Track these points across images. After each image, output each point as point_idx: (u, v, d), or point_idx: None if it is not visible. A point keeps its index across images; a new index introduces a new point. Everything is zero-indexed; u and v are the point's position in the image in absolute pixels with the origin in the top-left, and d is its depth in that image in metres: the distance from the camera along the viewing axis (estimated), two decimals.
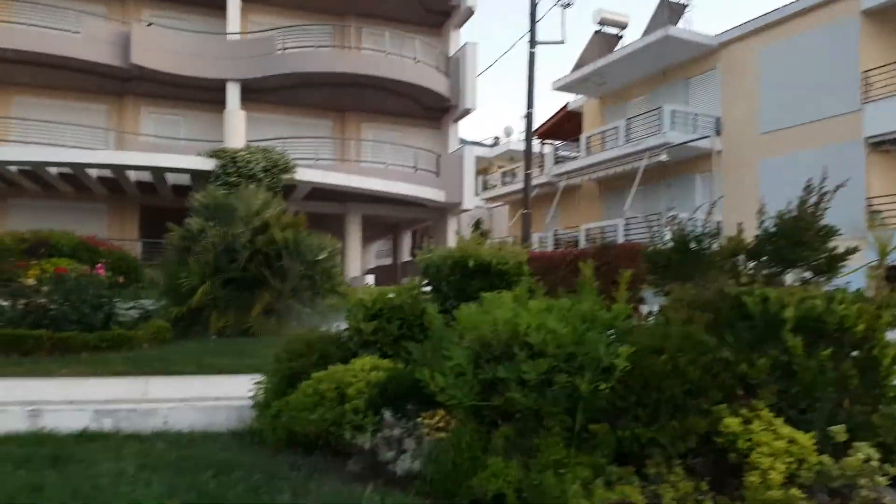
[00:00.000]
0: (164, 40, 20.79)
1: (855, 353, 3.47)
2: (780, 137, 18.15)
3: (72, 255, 14.57)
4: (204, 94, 22.06)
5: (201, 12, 22.53)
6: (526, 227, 18.32)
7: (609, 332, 3.24)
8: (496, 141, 39.99)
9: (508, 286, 4.02)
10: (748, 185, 18.23)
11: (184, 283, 10.09)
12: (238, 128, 20.86)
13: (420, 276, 4.64)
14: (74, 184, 21.12)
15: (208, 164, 19.16)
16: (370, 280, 19.25)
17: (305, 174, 20.21)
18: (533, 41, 19.82)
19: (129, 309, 9.49)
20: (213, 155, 19.39)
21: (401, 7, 23.58)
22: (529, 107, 18.59)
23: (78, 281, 8.48)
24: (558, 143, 27.29)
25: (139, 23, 21.40)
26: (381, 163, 22.87)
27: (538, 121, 25.20)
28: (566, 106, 27.65)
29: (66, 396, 5.42)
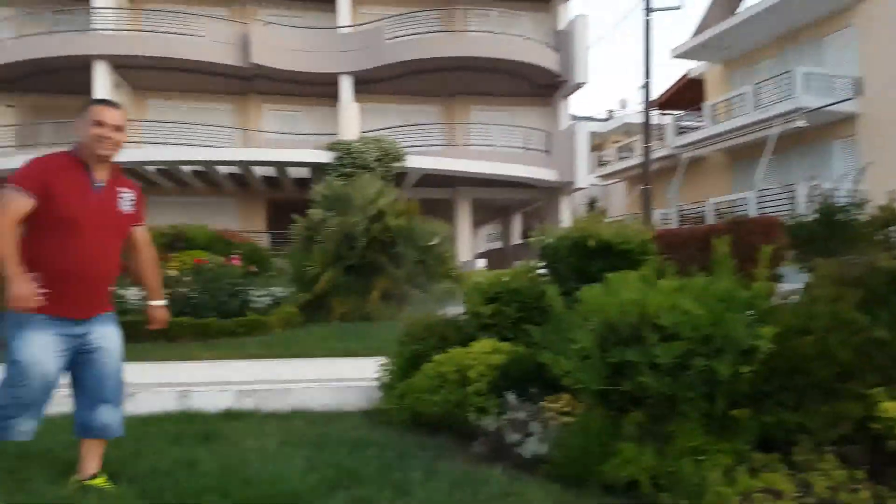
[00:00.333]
0: (280, 38, 21.76)
1: None
2: None
3: (207, 248, 15.69)
4: (319, 89, 22.92)
5: (314, 8, 23.36)
6: (646, 203, 17.61)
7: (749, 313, 3.04)
8: (610, 115, 38.40)
9: (633, 266, 3.86)
10: None
11: (308, 271, 10.61)
12: (351, 120, 21.49)
13: (536, 259, 4.57)
14: (206, 180, 22.69)
15: (325, 157, 19.94)
16: (481, 264, 19.30)
17: (416, 161, 20.55)
18: (648, 8, 18.97)
19: (261, 296, 10.14)
20: (330, 147, 20.15)
21: None
22: (646, 77, 17.83)
23: (215, 271, 9.11)
24: (679, 113, 25.96)
25: (257, 22, 22.50)
26: (490, 145, 22.64)
27: (656, 91, 24.01)
28: (686, 74, 26.27)
29: (210, 378, 5.85)
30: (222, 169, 21.23)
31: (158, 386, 5.29)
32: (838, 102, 17.96)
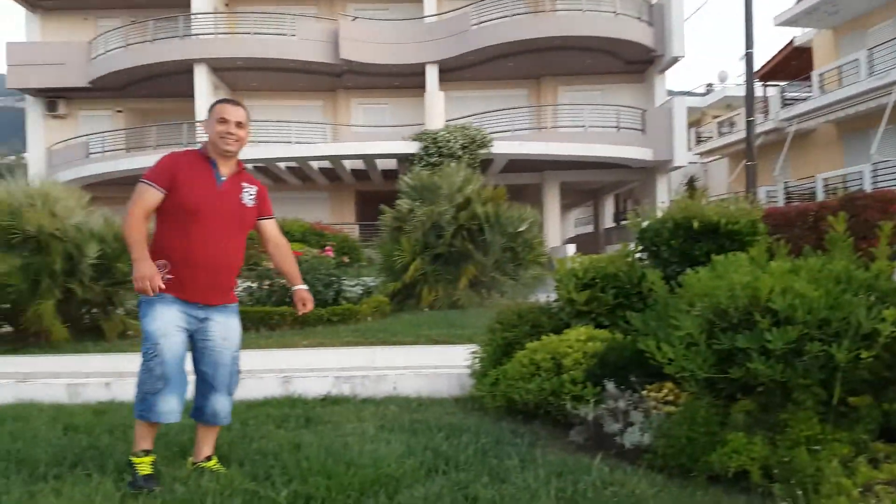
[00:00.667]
0: (367, 33, 22.15)
1: None
2: None
3: (302, 240, 16.28)
4: (405, 80, 23.19)
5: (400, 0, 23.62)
6: (750, 180, 16.65)
7: (869, 294, 2.82)
8: (709, 89, 36.51)
9: (741, 247, 3.65)
10: None
11: (397, 261, 10.77)
12: (437, 109, 21.59)
13: (635, 242, 4.40)
14: (300, 176, 23.50)
15: (412, 147, 20.16)
16: (571, 249, 18.96)
17: (502, 147, 20.40)
18: None
19: (353, 286, 10.40)
20: (416, 138, 20.35)
21: None
22: (748, 47, 16.77)
23: (311, 262, 9.41)
24: (784, 84, 24.41)
25: (345, 18, 22.98)
26: (580, 126, 21.99)
27: (759, 61, 22.52)
28: (791, 42, 24.69)
29: (309, 364, 6.06)
30: (315, 164, 21.90)
31: (262, 372, 5.54)
32: None
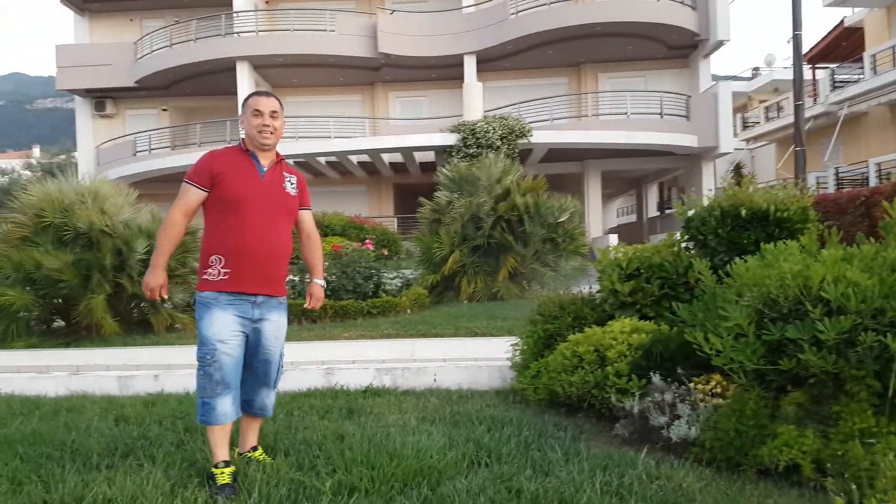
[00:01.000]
0: (405, 26, 22.15)
1: None
2: None
3: (342, 234, 16.46)
4: (443, 72, 23.14)
5: None
6: (799, 166, 16.15)
7: None
8: (755, 73, 35.47)
9: (791, 235, 3.54)
10: None
11: (436, 253, 10.79)
12: (475, 99, 21.47)
13: (681, 231, 4.30)
14: (339, 170, 23.71)
15: (450, 139, 20.13)
16: (614, 240, 18.69)
17: (541, 136, 20.19)
18: None
19: (393, 278, 10.47)
20: (454, 129, 20.31)
21: None
22: (796, 28, 16.23)
23: (351, 256, 9.50)
24: (834, 66, 23.55)
25: (383, 12, 23.03)
26: (622, 113, 21.54)
27: (807, 43, 21.87)
28: (842, 22, 23.81)
29: (351, 356, 6.12)
30: (354, 158, 22.06)
31: (305, 364, 5.62)
32: None
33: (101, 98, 24.94)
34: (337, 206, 20.70)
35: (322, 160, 22.07)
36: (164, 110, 25.57)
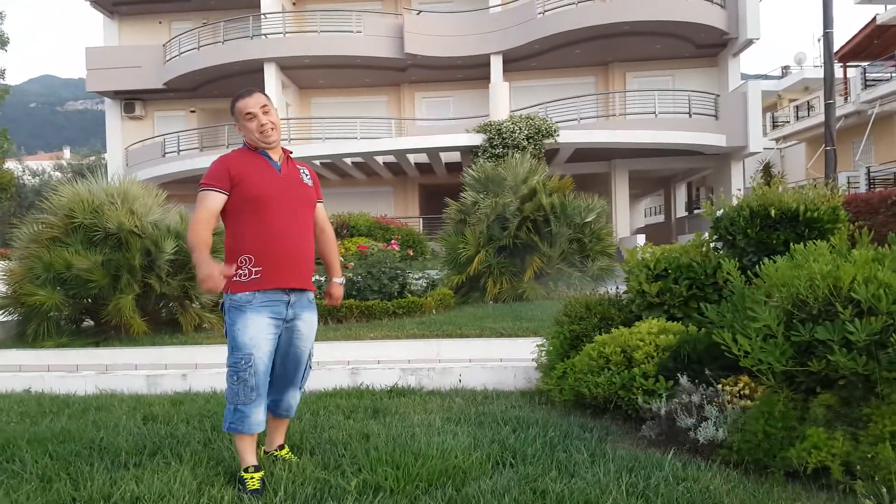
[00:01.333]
0: (431, 26, 22.20)
1: None
2: None
3: (368, 234, 16.54)
4: (469, 72, 23.14)
5: None
6: (829, 166, 15.86)
7: None
8: (785, 71, 34.90)
9: (821, 236, 3.47)
10: None
11: (461, 253, 10.79)
12: (502, 99, 21.44)
13: (709, 231, 4.25)
14: (365, 170, 23.83)
15: (476, 139, 20.12)
16: (641, 240, 18.51)
17: (568, 136, 20.09)
18: None
19: (418, 279, 10.50)
20: (480, 129, 20.30)
21: None
22: (827, 26, 15.94)
23: (377, 256, 9.55)
24: (865, 64, 23.04)
25: (410, 13, 23.11)
26: (650, 113, 21.37)
27: (838, 41, 21.34)
28: (874, 20, 23.30)
29: (376, 356, 6.16)
30: (380, 158, 22.16)
31: (331, 364, 5.67)
32: None
33: (130, 100, 25.40)
34: (363, 207, 20.82)
35: (348, 161, 22.21)
36: (192, 112, 25.95)
